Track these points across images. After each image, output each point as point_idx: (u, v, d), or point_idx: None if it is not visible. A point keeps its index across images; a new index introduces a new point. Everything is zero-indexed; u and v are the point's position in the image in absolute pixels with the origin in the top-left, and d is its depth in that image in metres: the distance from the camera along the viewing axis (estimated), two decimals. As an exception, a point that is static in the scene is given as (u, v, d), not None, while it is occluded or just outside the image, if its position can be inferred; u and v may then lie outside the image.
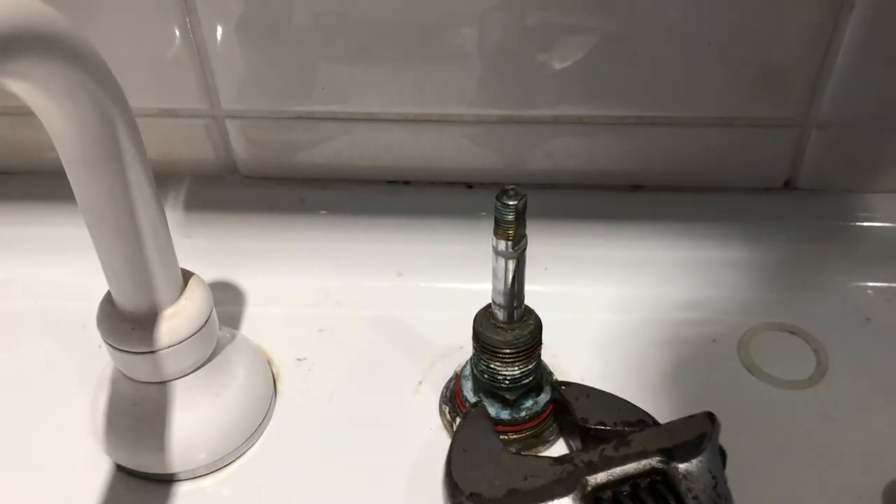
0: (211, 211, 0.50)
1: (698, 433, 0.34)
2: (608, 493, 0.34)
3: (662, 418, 0.40)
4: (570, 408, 0.38)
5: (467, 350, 0.40)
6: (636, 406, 0.37)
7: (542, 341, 0.38)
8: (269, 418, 0.42)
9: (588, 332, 0.45)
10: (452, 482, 0.35)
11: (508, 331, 0.37)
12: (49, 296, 0.48)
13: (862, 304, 0.46)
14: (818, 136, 0.46)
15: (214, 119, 0.48)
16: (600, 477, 0.34)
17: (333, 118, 0.48)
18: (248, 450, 0.41)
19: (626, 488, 0.34)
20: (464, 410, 0.40)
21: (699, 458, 0.34)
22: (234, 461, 0.40)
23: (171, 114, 0.48)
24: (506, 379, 0.38)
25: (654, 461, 0.34)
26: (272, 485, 0.39)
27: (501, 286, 0.36)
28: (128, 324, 0.36)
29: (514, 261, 0.35)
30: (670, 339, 0.45)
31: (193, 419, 0.38)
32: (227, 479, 0.40)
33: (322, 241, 0.49)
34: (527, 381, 0.38)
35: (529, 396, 0.39)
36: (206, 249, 0.47)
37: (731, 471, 0.38)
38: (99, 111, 0.30)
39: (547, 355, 0.43)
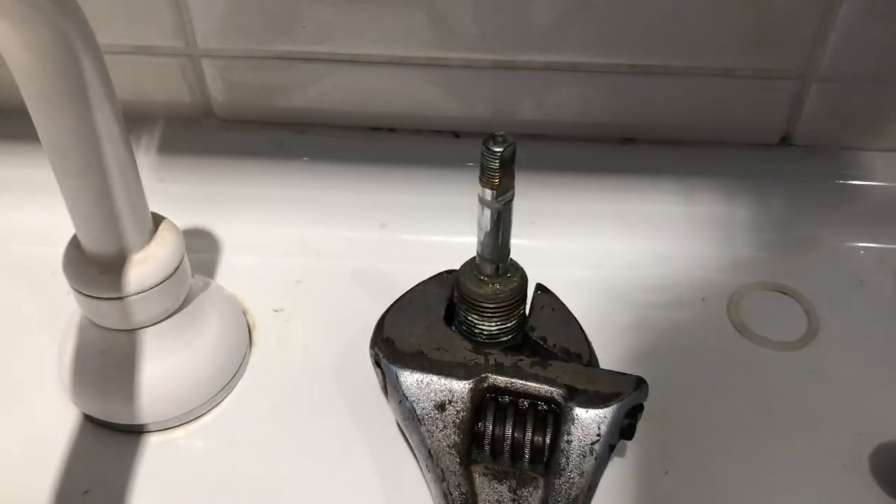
0: (186, 155, 0.48)
1: (613, 391, 0.34)
2: (505, 399, 0.35)
3: (648, 377, 0.40)
4: (529, 311, 0.38)
5: (448, 306, 0.39)
6: (587, 344, 0.37)
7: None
8: (244, 370, 0.41)
9: (575, 289, 0.43)
10: (381, 323, 0.37)
11: (490, 284, 0.36)
12: (17, 241, 0.46)
13: (855, 265, 0.45)
14: (817, 91, 0.45)
15: (190, 58, 0.47)
16: (500, 380, 0.35)
17: (315, 59, 0.46)
18: (221, 401, 0.40)
19: (525, 403, 0.34)
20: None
21: (596, 411, 0.33)
22: (206, 413, 0.39)
23: (144, 51, 0.46)
24: (482, 333, 0.37)
25: (555, 392, 0.34)
26: (246, 437, 0.38)
27: (484, 237, 0.35)
28: (95, 268, 0.35)
29: (499, 211, 0.34)
30: (659, 298, 0.44)
31: (164, 369, 0.37)
32: (199, 431, 0.39)
33: (301, 188, 0.47)
34: (505, 338, 0.37)
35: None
36: (180, 195, 0.46)
37: (718, 431, 0.38)
38: (59, 38, 0.28)
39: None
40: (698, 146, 0.48)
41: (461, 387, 0.35)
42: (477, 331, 0.37)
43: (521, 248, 0.38)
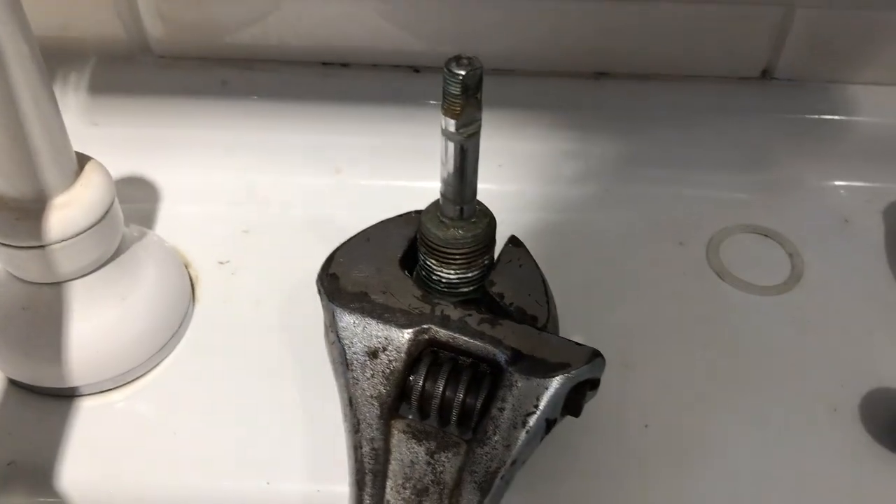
0: (120, 95, 0.44)
1: (562, 361, 0.31)
2: (446, 354, 0.32)
3: (626, 327, 0.38)
4: (494, 263, 0.35)
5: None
6: (549, 307, 0.34)
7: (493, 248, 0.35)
8: (186, 326, 0.38)
9: (546, 235, 0.41)
10: (331, 256, 0.35)
11: (451, 228, 0.33)
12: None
13: (840, 204, 0.43)
14: (802, 18, 0.42)
15: (123, -13, 0.43)
16: (442, 334, 0.32)
17: (260, -13, 0.43)
18: (161, 361, 0.37)
19: (466, 360, 0.32)
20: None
21: (538, 380, 0.30)
22: (145, 374, 0.36)
23: (70, -20, 0.42)
24: (440, 281, 0.34)
25: (497, 354, 0.31)
26: (188, 400, 0.36)
27: (447, 175, 0.32)
28: (12, 213, 0.32)
29: (462, 145, 0.31)
30: (634, 243, 0.42)
31: (96, 325, 0.34)
32: (137, 394, 0.36)
33: (248, 130, 0.44)
34: (465, 289, 0.34)
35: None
36: (115, 139, 0.43)
37: (700, 381, 0.36)
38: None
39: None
40: (674, 80, 0.45)
41: (399, 335, 0.32)
42: (435, 277, 0.34)
43: (488, 192, 0.35)
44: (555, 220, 0.42)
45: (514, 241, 0.36)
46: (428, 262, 0.34)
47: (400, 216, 0.37)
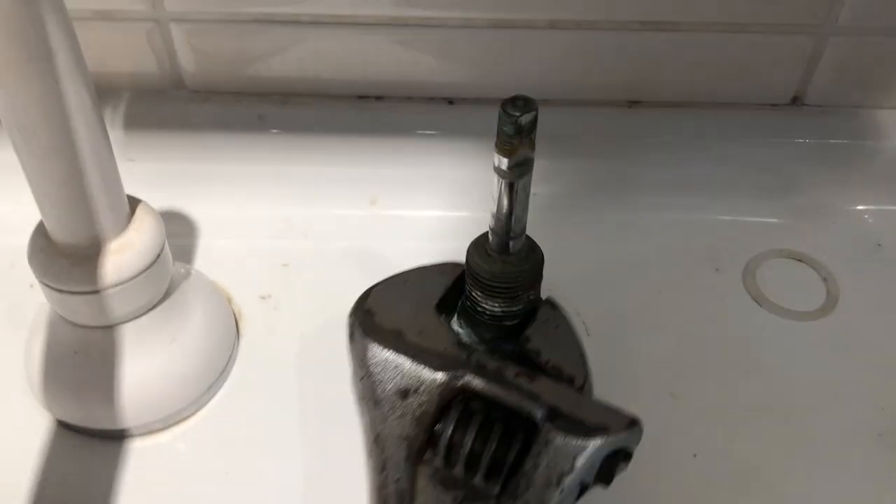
0: (156, 130, 0.44)
1: (601, 424, 0.30)
2: (477, 403, 0.31)
3: (668, 355, 0.38)
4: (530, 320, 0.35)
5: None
6: (585, 368, 0.33)
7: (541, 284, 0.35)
8: (232, 364, 0.38)
9: (583, 262, 0.41)
10: (367, 293, 0.35)
11: (498, 261, 0.34)
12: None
13: (873, 228, 0.44)
14: (833, 46, 0.43)
15: (157, 23, 0.43)
16: (476, 383, 0.31)
17: (295, 21, 0.43)
18: (209, 400, 0.37)
19: (497, 414, 0.31)
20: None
21: (576, 441, 0.29)
22: (193, 413, 0.36)
23: (106, 16, 0.43)
24: (485, 312, 0.35)
25: (534, 409, 0.30)
26: (238, 438, 0.36)
27: (495, 209, 0.32)
28: (66, 259, 0.32)
29: (511, 183, 0.31)
30: (671, 269, 0.42)
31: (146, 367, 0.34)
32: (186, 434, 0.36)
33: (284, 163, 0.44)
34: (509, 322, 0.35)
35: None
36: (151, 174, 0.43)
37: (743, 409, 0.37)
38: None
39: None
40: (707, 107, 0.45)
41: (432, 378, 0.31)
42: (480, 309, 0.35)
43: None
44: (590, 247, 0.42)
45: (550, 303, 0.36)
46: (473, 293, 0.35)
47: (436, 265, 0.36)
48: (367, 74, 0.45)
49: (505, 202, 0.32)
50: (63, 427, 0.35)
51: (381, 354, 0.32)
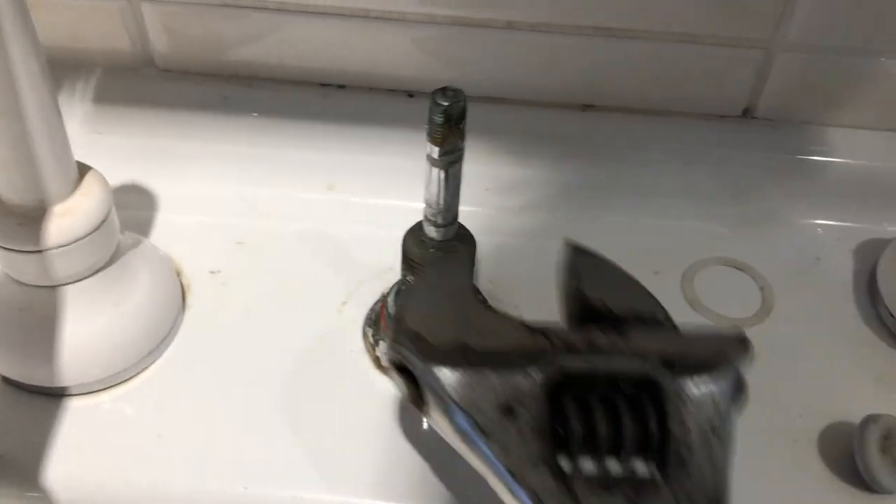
0: (124, 106, 0.46)
1: (717, 351, 0.27)
2: (587, 386, 0.27)
3: None
4: (580, 280, 0.31)
5: (398, 271, 0.37)
6: (651, 295, 0.29)
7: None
8: (176, 333, 0.39)
9: (526, 261, 0.42)
10: (399, 313, 0.29)
11: (431, 248, 0.35)
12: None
13: (813, 242, 0.44)
14: (783, 62, 0.44)
15: (129, 3, 0.44)
16: (574, 364, 0.26)
17: (263, 8, 0.44)
18: (149, 366, 0.38)
19: (612, 389, 0.26)
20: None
21: (708, 383, 0.26)
22: (133, 377, 0.37)
23: (81, -7, 0.44)
24: None
25: (650, 366, 0.26)
26: (174, 404, 0.36)
27: (428, 197, 0.33)
28: (14, 219, 0.33)
29: (443, 171, 0.32)
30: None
31: (88, 328, 0.35)
32: (125, 395, 0.37)
33: (246, 145, 0.45)
34: None
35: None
36: (117, 148, 0.44)
37: None
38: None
39: (483, 280, 0.41)
40: (658, 115, 0.46)
41: (528, 380, 0.26)
42: None
43: (474, 214, 0.37)
44: (532, 245, 0.43)
45: (574, 247, 0.32)
46: (408, 279, 0.35)
47: (439, 257, 0.34)
48: (330, 63, 0.45)
49: (435, 190, 0.33)
50: (6, 382, 0.36)
51: (457, 378, 0.26)
